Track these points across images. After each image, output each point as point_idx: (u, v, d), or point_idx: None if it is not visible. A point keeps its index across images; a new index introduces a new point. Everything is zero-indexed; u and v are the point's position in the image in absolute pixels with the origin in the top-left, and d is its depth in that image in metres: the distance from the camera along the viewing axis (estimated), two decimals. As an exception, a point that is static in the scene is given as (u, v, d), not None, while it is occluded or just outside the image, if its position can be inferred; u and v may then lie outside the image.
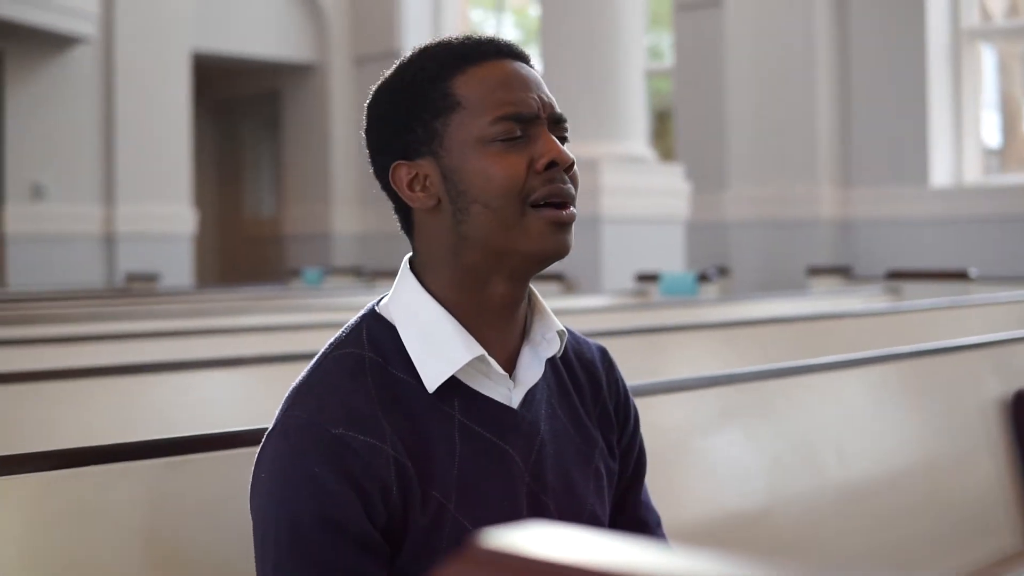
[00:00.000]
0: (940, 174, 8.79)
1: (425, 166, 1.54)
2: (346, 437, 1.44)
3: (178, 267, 10.84)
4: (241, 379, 3.20)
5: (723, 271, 8.20)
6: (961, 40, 8.91)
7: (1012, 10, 10.60)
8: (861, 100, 8.99)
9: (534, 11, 13.99)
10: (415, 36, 12.41)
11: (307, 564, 1.42)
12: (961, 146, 8.93)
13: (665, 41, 11.97)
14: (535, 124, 1.54)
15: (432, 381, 1.52)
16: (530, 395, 1.60)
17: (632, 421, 1.76)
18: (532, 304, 1.63)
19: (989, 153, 9.67)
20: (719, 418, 2.49)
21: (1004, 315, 5.36)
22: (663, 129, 12.02)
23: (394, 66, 1.61)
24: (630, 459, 1.74)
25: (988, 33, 9.30)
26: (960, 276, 6.79)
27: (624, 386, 1.76)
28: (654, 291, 6.96)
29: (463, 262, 1.55)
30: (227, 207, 14.22)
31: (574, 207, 1.56)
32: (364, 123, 1.64)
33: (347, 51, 12.76)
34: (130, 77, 10.80)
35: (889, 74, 8.88)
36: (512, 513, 1.53)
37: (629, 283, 7.05)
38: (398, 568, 1.46)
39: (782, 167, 8.85)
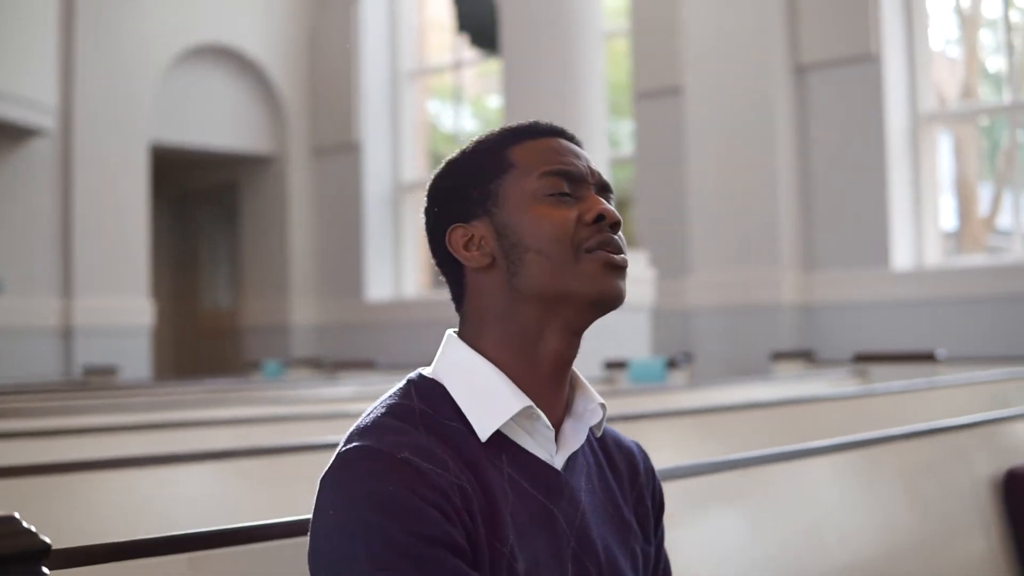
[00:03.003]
0: (901, 257, 8.83)
1: (480, 227, 1.60)
2: (413, 460, 1.43)
3: (136, 360, 10.72)
4: (212, 474, 3.14)
5: (687, 357, 8.17)
6: (919, 124, 9.00)
7: (966, 93, 10.74)
8: (822, 185, 9.04)
9: (493, 102, 14.06)
10: (374, 127, 12.44)
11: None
12: (921, 229, 8.98)
13: (623, 129, 12.03)
14: (583, 186, 1.62)
15: (484, 430, 1.52)
16: (571, 461, 1.61)
17: (662, 515, 1.77)
18: (573, 381, 1.66)
19: (947, 236, 9.74)
20: (706, 505, 2.45)
21: (976, 395, 5.36)
22: (624, 217, 12.05)
23: (459, 150, 1.70)
24: (660, 554, 1.76)
25: (944, 117, 9.40)
26: (927, 358, 6.79)
27: (659, 481, 1.79)
28: (622, 378, 6.92)
29: (516, 320, 1.59)
30: (184, 299, 14.11)
31: (626, 256, 1.61)
32: (425, 202, 1.70)
33: (306, 142, 12.75)
34: (89, 169, 10.74)
35: (849, 159, 8.95)
36: (560, 572, 1.52)
37: (597, 371, 7.01)
38: None
39: (744, 252, 8.87)
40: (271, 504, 3.12)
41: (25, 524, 1.14)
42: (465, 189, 1.63)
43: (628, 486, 1.72)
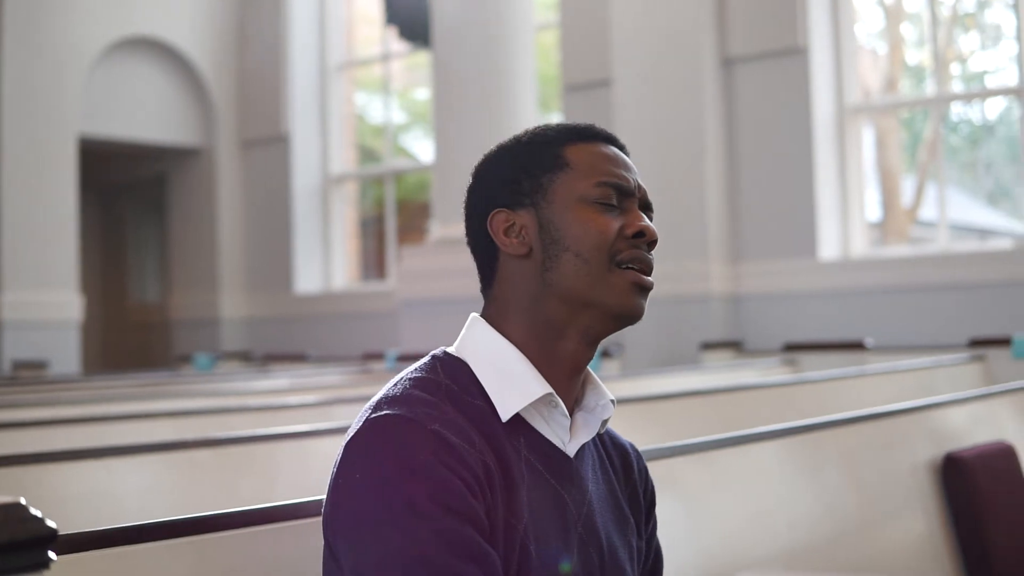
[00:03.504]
0: (828, 247, 8.93)
1: (524, 216, 1.65)
2: (443, 433, 1.46)
3: (66, 354, 10.61)
4: (155, 466, 3.14)
5: (619, 347, 8.24)
6: (845, 116, 9.11)
7: (889, 85, 10.89)
8: (750, 176, 9.12)
9: (420, 94, 14.06)
10: (302, 120, 12.40)
11: (426, 542, 1.40)
12: (847, 220, 9.10)
13: (552, 122, 12.05)
14: (629, 199, 1.68)
15: (506, 410, 1.57)
16: (580, 452, 1.66)
17: (653, 520, 1.83)
18: (584, 377, 1.71)
19: (871, 226, 9.87)
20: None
21: (906, 382, 5.47)
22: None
23: (512, 137, 1.75)
24: (651, 548, 1.82)
25: (868, 109, 9.52)
26: (856, 346, 6.91)
27: (651, 480, 1.85)
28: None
29: (543, 311, 1.64)
30: (112, 293, 13.99)
31: (652, 279, 1.66)
32: (470, 182, 1.75)
33: (234, 135, 12.67)
34: (16, 162, 10.60)
35: (776, 151, 9.03)
36: (567, 554, 1.57)
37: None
38: None
39: (673, 244, 8.92)
40: (219, 494, 3.13)
41: (32, 510, 1.16)
42: (516, 177, 1.68)
43: (624, 482, 1.77)
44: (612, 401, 1.69)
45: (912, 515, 3.06)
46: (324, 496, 1.54)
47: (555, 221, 1.63)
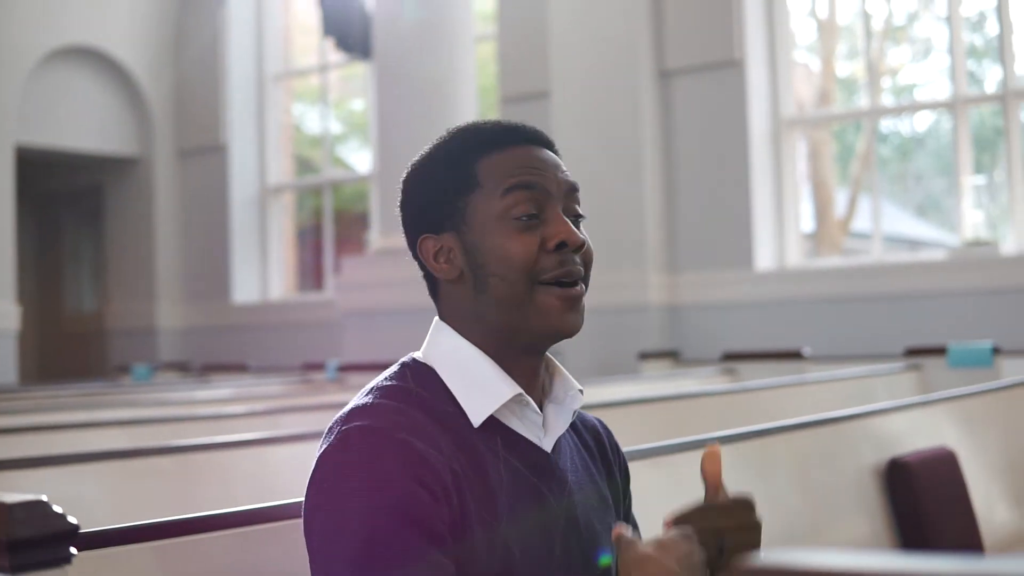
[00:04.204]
0: (764, 258, 9.04)
1: (449, 240, 1.66)
2: (410, 440, 1.49)
3: (3, 365, 10.51)
4: (100, 474, 3.14)
5: (557, 357, 8.28)
6: (780, 129, 9.23)
7: (822, 99, 11.05)
8: (687, 188, 9.21)
9: (357, 105, 14.07)
10: (239, 129, 12.37)
11: (386, 557, 1.44)
12: (783, 231, 9.21)
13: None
14: (548, 204, 1.67)
15: (477, 416, 1.60)
16: (557, 444, 1.70)
17: (629, 486, 1.89)
18: (549, 367, 1.74)
19: (805, 238, 10.00)
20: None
21: (845, 390, 5.56)
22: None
23: (429, 145, 1.75)
24: (629, 520, 1.86)
25: (802, 122, 9.65)
26: (794, 355, 6.99)
27: (623, 453, 1.89)
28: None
29: (489, 324, 1.66)
30: (48, 303, 13.85)
31: (584, 285, 1.68)
32: (400, 197, 1.76)
33: (171, 144, 12.62)
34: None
35: (713, 162, 9.13)
36: (549, 550, 1.61)
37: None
38: None
39: (611, 254, 8.98)
40: (173, 502, 3.14)
41: (54, 507, 1.19)
42: (435, 201, 1.68)
43: (600, 462, 1.81)
44: (580, 390, 1.72)
45: (858, 518, 3.14)
46: (282, 502, 1.58)
47: (478, 245, 1.63)
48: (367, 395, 1.59)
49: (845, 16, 11.03)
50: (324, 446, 1.53)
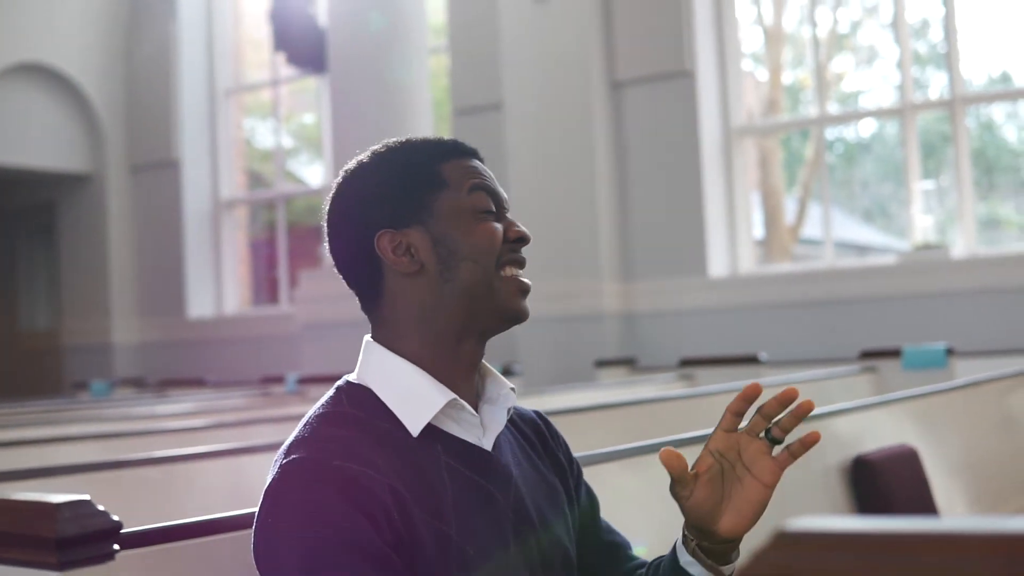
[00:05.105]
0: (717, 265, 9.13)
1: (412, 235, 1.73)
2: (344, 468, 1.54)
3: (-42, 383, 10.46)
4: (69, 487, 3.17)
5: (520, 365, 8.35)
6: (731, 137, 9.34)
7: (770, 107, 11.19)
8: (640, 197, 9.29)
9: (308, 119, 14.09)
10: (192, 144, 12.36)
11: None
12: (735, 238, 9.31)
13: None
14: (500, 207, 1.80)
15: (415, 426, 1.66)
16: (498, 442, 1.76)
17: (576, 466, 1.94)
18: (481, 371, 1.81)
19: (757, 244, 10.12)
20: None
21: (803, 393, 5.61)
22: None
23: (374, 154, 1.81)
24: (581, 496, 1.92)
25: (752, 130, 9.77)
26: (751, 360, 7.07)
27: (562, 437, 1.95)
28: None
29: (438, 320, 1.73)
30: (1, 320, 13.78)
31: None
32: (330, 203, 1.82)
33: (124, 160, 12.59)
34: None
35: (665, 171, 9.21)
36: (502, 545, 1.67)
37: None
38: None
39: (566, 264, 9.04)
40: (146, 514, 3.18)
41: (98, 506, 1.24)
42: (394, 198, 1.74)
43: (543, 452, 1.88)
44: (512, 389, 1.78)
45: (825, 514, 3.21)
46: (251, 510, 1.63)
47: (450, 234, 1.72)
48: (304, 426, 1.64)
49: (791, 23, 11.18)
50: (268, 481, 1.59)
